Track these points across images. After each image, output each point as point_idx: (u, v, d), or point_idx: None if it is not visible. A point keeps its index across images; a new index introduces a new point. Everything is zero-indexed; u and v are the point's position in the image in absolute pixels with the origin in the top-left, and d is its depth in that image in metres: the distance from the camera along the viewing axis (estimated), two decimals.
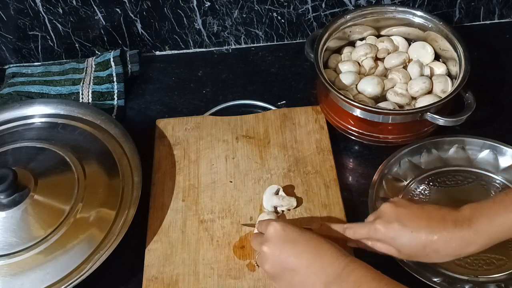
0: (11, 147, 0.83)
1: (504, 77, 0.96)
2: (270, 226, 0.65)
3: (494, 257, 0.71)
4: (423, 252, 0.63)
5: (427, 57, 0.89)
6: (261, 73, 1.00)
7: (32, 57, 1.03)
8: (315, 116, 0.88)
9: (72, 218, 0.73)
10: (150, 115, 0.94)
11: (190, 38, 1.02)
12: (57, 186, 0.77)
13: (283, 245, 0.63)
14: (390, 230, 0.64)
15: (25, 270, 0.70)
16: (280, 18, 1.00)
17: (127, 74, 0.99)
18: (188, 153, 0.85)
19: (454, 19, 1.04)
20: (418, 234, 0.62)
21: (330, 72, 0.89)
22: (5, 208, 0.73)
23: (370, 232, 0.66)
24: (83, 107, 0.88)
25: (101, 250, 0.71)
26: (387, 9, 0.91)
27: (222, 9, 0.97)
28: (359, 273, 0.59)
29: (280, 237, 0.64)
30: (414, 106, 0.84)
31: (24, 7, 0.94)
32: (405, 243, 0.63)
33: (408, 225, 0.63)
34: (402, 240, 0.63)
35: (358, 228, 0.68)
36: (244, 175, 0.82)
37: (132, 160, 0.81)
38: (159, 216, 0.78)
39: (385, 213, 0.66)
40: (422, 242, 0.62)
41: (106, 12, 0.96)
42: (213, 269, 0.72)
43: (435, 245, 0.62)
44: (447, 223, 0.62)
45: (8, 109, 0.89)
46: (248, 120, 0.89)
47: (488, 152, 0.81)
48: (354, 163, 0.85)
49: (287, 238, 0.64)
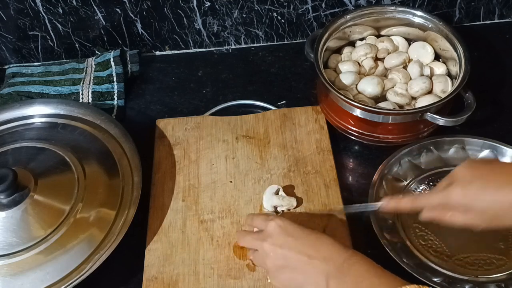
0: (11, 147, 0.83)
1: (504, 77, 0.96)
2: (271, 222, 0.65)
3: (494, 257, 0.71)
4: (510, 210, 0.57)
5: (427, 57, 0.89)
6: (261, 73, 1.00)
7: (32, 57, 1.03)
8: (315, 116, 0.88)
9: (72, 218, 0.73)
10: (150, 115, 0.94)
11: (190, 38, 1.02)
12: (57, 186, 0.77)
13: (285, 240, 0.63)
14: (470, 192, 0.58)
15: (25, 270, 0.70)
16: (280, 18, 1.00)
17: (127, 74, 0.99)
18: (188, 153, 0.85)
19: (454, 19, 1.04)
20: (504, 190, 0.57)
21: (330, 72, 0.89)
22: (5, 208, 0.73)
23: (444, 199, 0.61)
24: (83, 107, 0.88)
25: (101, 250, 0.71)
26: (387, 9, 0.91)
27: (222, 9, 0.97)
28: (360, 268, 0.58)
29: (281, 232, 0.64)
30: (414, 106, 0.84)
31: (24, 7, 0.94)
32: (489, 204, 0.58)
33: (491, 182, 0.58)
34: (485, 200, 0.58)
35: (430, 197, 0.63)
36: (244, 175, 0.82)
37: (132, 160, 0.81)
38: (159, 216, 0.78)
39: (461, 176, 0.60)
40: (509, 198, 0.57)
41: (106, 12, 0.96)
42: (213, 269, 0.72)
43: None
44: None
45: (8, 109, 0.89)
46: (248, 120, 0.89)
47: (488, 152, 0.81)
48: (354, 163, 0.85)
49: (288, 233, 0.63)
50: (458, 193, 0.59)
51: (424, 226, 0.75)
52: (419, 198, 0.65)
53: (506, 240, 0.73)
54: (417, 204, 0.65)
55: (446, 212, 0.62)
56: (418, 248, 0.73)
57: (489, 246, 0.72)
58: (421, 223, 0.75)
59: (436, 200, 0.62)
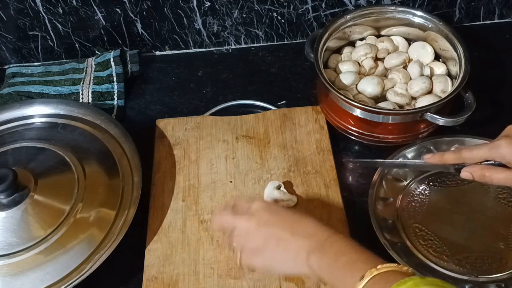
0: (11, 147, 0.83)
1: (504, 77, 0.96)
2: (255, 203, 0.65)
3: (494, 257, 0.71)
4: None
5: (427, 57, 0.89)
6: (261, 73, 1.00)
7: (32, 57, 1.03)
8: (315, 116, 0.88)
9: (72, 218, 0.73)
10: (150, 115, 0.94)
11: (190, 38, 1.02)
12: (57, 186, 0.77)
13: (268, 217, 0.63)
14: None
15: (25, 270, 0.70)
16: (280, 18, 1.00)
17: (127, 74, 0.99)
18: (188, 153, 0.85)
19: (454, 19, 1.04)
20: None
21: (330, 72, 0.89)
22: (5, 208, 0.73)
23: (491, 150, 0.61)
24: (83, 107, 0.88)
25: (101, 250, 0.71)
26: (387, 9, 0.91)
27: (222, 9, 0.97)
28: (341, 243, 0.58)
29: (265, 210, 0.64)
30: (414, 106, 0.84)
31: (24, 7, 0.94)
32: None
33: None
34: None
35: (477, 149, 0.63)
36: (244, 175, 0.82)
37: (132, 160, 0.81)
38: (159, 216, 0.78)
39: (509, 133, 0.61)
40: None
41: (106, 12, 0.96)
42: (213, 269, 0.72)
43: None
44: None
45: (8, 109, 0.89)
46: (248, 120, 0.89)
47: None
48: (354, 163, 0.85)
49: (272, 212, 0.64)
50: (503, 145, 0.60)
51: (424, 226, 0.75)
52: (463, 150, 0.65)
53: (506, 240, 0.73)
54: (461, 156, 0.65)
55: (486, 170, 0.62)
56: (418, 248, 0.73)
57: (489, 246, 0.72)
58: (421, 223, 0.75)
59: (481, 153, 0.62)
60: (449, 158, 0.66)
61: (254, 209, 0.64)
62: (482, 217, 0.75)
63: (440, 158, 0.68)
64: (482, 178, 0.63)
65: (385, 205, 0.77)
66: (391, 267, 0.53)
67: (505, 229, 0.74)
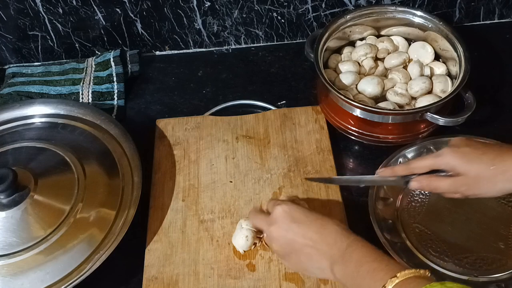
0: (11, 147, 0.83)
1: (504, 77, 0.96)
2: (277, 208, 0.66)
3: (494, 257, 0.71)
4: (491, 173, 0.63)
5: (427, 57, 0.89)
6: (261, 73, 1.00)
7: (32, 57, 1.03)
8: (315, 116, 0.88)
9: (72, 218, 0.73)
10: (150, 115, 0.94)
11: (190, 38, 1.02)
12: (57, 186, 0.77)
13: (289, 226, 0.64)
14: (458, 153, 0.64)
15: (25, 270, 0.70)
16: (280, 18, 1.00)
17: (127, 74, 0.99)
18: (188, 153, 0.85)
19: (454, 19, 1.04)
20: (488, 155, 0.63)
21: (330, 72, 0.89)
22: (5, 208, 0.73)
23: (436, 159, 0.66)
24: (83, 107, 0.88)
25: (101, 250, 0.71)
26: (387, 9, 0.91)
27: (222, 9, 0.97)
28: (360, 253, 0.60)
29: (286, 218, 0.65)
30: (414, 106, 0.84)
31: (24, 7, 0.94)
32: (473, 165, 0.63)
33: (479, 148, 0.64)
34: (470, 162, 0.64)
35: (423, 160, 0.68)
36: (244, 175, 0.82)
37: (132, 160, 0.80)
38: (159, 216, 0.78)
39: (455, 143, 0.66)
40: (492, 161, 0.63)
41: (106, 12, 0.96)
42: (213, 269, 0.72)
43: (505, 166, 0.62)
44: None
45: (8, 109, 0.89)
46: (248, 120, 0.89)
47: None
48: (354, 163, 0.85)
49: (293, 219, 0.65)
50: (447, 154, 0.65)
51: (424, 226, 0.75)
52: (411, 164, 0.69)
53: (506, 240, 0.73)
54: (410, 166, 0.69)
55: (433, 179, 0.67)
56: (418, 248, 0.73)
57: (489, 246, 0.72)
58: (421, 223, 0.75)
59: (428, 162, 0.67)
60: (399, 170, 0.70)
61: (275, 216, 0.66)
62: (482, 217, 0.75)
63: (391, 171, 0.71)
64: (429, 187, 0.68)
65: (385, 205, 0.77)
66: (411, 273, 0.55)
67: (505, 229, 0.74)
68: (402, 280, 0.54)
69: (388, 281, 0.54)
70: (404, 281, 0.54)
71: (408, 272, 0.55)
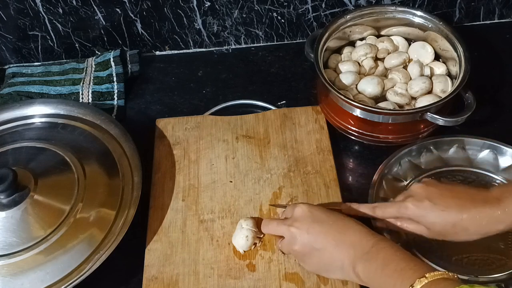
0: (11, 147, 0.83)
1: (504, 77, 0.96)
2: (298, 208, 0.67)
3: (494, 257, 0.71)
4: (453, 230, 0.64)
5: (427, 57, 0.89)
6: (261, 73, 1.00)
7: (32, 57, 1.03)
8: (315, 116, 0.88)
9: (72, 218, 0.73)
10: (150, 115, 0.94)
11: (190, 38, 1.02)
12: (57, 186, 0.77)
13: (311, 225, 0.65)
14: (420, 208, 0.65)
15: (25, 270, 0.70)
16: (280, 18, 1.00)
17: (127, 74, 0.99)
18: (188, 153, 0.85)
19: (454, 19, 1.04)
20: (448, 212, 0.64)
21: (330, 72, 0.89)
22: (5, 208, 0.73)
23: (400, 210, 0.67)
24: (83, 107, 0.88)
25: (101, 250, 0.71)
26: (387, 9, 0.91)
27: (222, 9, 0.97)
28: (388, 252, 0.60)
29: (307, 217, 0.66)
30: (414, 106, 0.84)
31: (24, 7, 0.94)
32: (435, 221, 0.65)
33: (439, 203, 0.65)
34: (432, 218, 0.65)
35: (388, 207, 0.69)
36: (244, 175, 0.82)
37: (132, 160, 0.80)
38: (159, 216, 0.78)
39: (416, 192, 0.67)
40: (452, 219, 0.64)
41: (106, 12, 0.96)
42: (213, 269, 0.72)
43: (464, 222, 0.63)
44: (477, 202, 0.63)
45: (8, 109, 0.89)
46: (248, 120, 0.89)
47: (488, 152, 0.81)
48: (354, 163, 0.85)
49: (314, 219, 0.65)
50: (410, 207, 0.66)
51: None
52: (377, 208, 0.70)
53: (506, 240, 0.73)
54: (375, 214, 0.70)
55: (399, 222, 0.69)
56: (418, 248, 0.73)
57: (489, 246, 0.72)
58: None
59: (392, 212, 0.69)
60: (364, 209, 0.71)
61: (296, 215, 0.67)
62: None
63: (356, 208, 0.72)
64: (396, 228, 0.70)
65: None
66: (439, 274, 0.55)
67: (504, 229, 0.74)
68: (430, 280, 0.54)
69: (417, 281, 0.54)
70: (433, 282, 0.54)
71: (437, 274, 0.55)
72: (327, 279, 0.69)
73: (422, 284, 0.54)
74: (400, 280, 0.56)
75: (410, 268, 0.57)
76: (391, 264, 0.58)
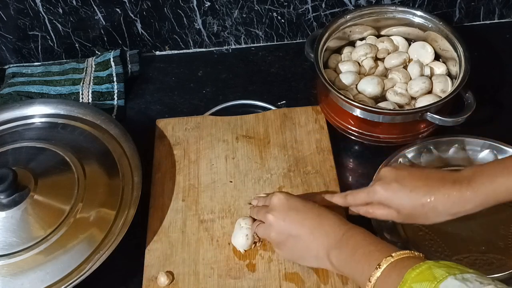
0: (11, 147, 0.83)
1: (504, 77, 0.96)
2: (274, 196, 0.68)
3: (494, 257, 0.71)
4: (422, 210, 0.64)
5: (427, 57, 0.89)
6: (261, 73, 1.00)
7: (32, 57, 1.03)
8: (315, 116, 0.88)
9: (72, 218, 0.73)
10: (150, 115, 0.94)
11: (190, 38, 1.02)
12: (57, 186, 0.77)
13: (287, 213, 0.66)
14: (389, 190, 0.66)
15: (25, 270, 0.70)
16: (280, 18, 1.00)
17: (127, 74, 0.99)
18: (188, 153, 0.85)
19: (454, 19, 1.04)
20: (417, 192, 0.64)
21: (330, 72, 0.89)
22: (5, 208, 0.73)
23: (369, 194, 0.67)
24: (83, 107, 0.88)
25: (101, 250, 0.71)
26: (387, 9, 0.91)
27: (222, 9, 0.97)
28: (357, 238, 0.61)
29: (284, 205, 0.66)
30: (414, 106, 0.84)
31: (24, 7, 0.94)
32: (403, 203, 0.65)
33: (407, 185, 0.65)
34: (400, 199, 0.65)
35: (358, 193, 0.69)
36: (244, 175, 0.82)
37: (132, 160, 0.81)
38: (159, 216, 0.78)
39: (384, 176, 0.67)
40: (421, 200, 0.64)
41: (106, 12, 0.96)
42: (213, 269, 0.72)
43: (433, 203, 0.63)
44: (446, 182, 0.63)
45: (8, 109, 0.89)
46: (248, 120, 0.89)
47: (488, 152, 0.81)
48: (354, 163, 0.85)
49: (290, 207, 0.66)
50: (379, 191, 0.66)
51: (424, 226, 0.75)
52: (348, 196, 0.70)
53: (506, 239, 0.73)
54: (347, 201, 0.70)
55: (369, 207, 0.69)
56: (418, 248, 0.73)
57: (489, 246, 0.72)
58: None
59: (362, 197, 0.69)
60: (337, 200, 0.72)
61: (273, 204, 0.68)
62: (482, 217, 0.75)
63: (329, 198, 0.73)
64: (367, 214, 0.69)
65: None
66: (405, 253, 0.56)
67: (505, 229, 0.74)
68: (397, 259, 0.56)
69: (383, 260, 0.56)
70: (399, 260, 0.55)
71: (404, 252, 0.56)
72: (327, 278, 0.70)
73: (388, 263, 0.55)
74: (368, 262, 0.57)
75: (377, 250, 0.58)
76: (360, 249, 0.59)
